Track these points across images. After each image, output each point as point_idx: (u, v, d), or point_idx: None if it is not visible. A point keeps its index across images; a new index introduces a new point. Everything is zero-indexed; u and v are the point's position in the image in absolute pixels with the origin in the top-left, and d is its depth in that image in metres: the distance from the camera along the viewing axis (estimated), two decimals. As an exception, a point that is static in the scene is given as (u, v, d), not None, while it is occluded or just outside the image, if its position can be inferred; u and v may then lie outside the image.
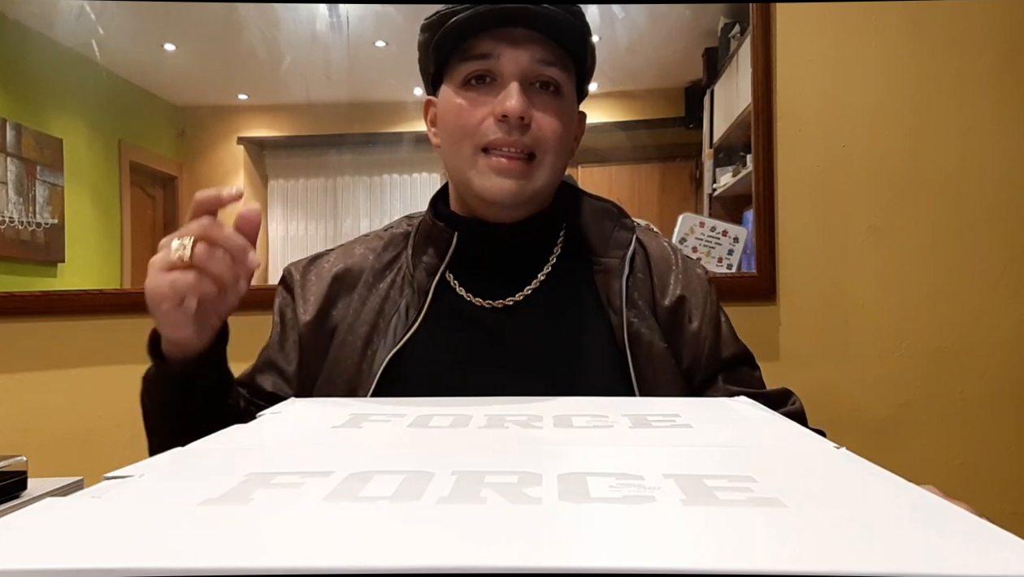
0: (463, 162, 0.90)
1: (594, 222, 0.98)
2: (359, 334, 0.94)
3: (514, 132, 0.87)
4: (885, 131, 1.75)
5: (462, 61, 0.90)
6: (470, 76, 0.89)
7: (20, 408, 1.76)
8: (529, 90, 0.89)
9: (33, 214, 1.84)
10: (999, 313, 1.74)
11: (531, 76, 0.89)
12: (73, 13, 1.86)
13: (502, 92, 0.88)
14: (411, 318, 0.92)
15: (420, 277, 0.95)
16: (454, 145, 0.91)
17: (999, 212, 1.74)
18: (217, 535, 0.35)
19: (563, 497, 0.40)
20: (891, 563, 0.31)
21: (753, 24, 1.74)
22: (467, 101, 0.89)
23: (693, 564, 0.30)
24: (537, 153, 0.89)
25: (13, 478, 1.25)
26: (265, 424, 0.66)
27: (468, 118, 0.89)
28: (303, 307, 0.97)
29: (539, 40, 0.88)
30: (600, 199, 1.01)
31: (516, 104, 0.86)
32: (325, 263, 1.00)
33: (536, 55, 0.88)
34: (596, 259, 0.95)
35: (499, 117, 0.87)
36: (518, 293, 0.94)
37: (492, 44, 0.88)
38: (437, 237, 0.96)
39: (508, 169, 0.88)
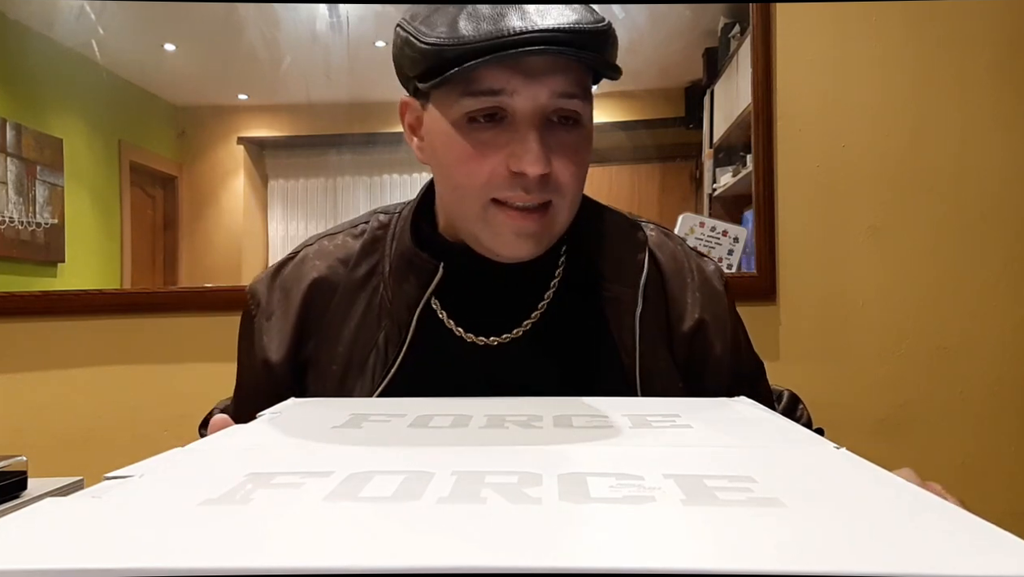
0: (470, 212, 0.77)
1: (601, 238, 0.86)
2: (335, 370, 0.84)
3: (532, 189, 0.74)
4: (885, 131, 1.75)
5: (465, 95, 0.73)
6: (475, 114, 0.74)
7: (20, 408, 1.77)
8: (546, 130, 0.75)
9: (33, 214, 1.84)
10: (999, 313, 1.74)
11: (549, 112, 0.75)
12: (73, 13, 1.86)
13: (515, 137, 0.74)
14: (391, 356, 0.81)
15: (399, 308, 0.83)
16: (457, 192, 0.78)
17: (999, 212, 1.74)
18: (217, 535, 0.35)
19: (563, 497, 0.40)
20: (891, 563, 0.31)
21: (753, 24, 1.74)
22: (472, 145, 0.75)
23: (693, 564, 0.30)
24: (555, 200, 0.76)
25: (13, 478, 1.25)
26: (265, 424, 0.66)
27: (476, 167, 0.75)
28: (270, 347, 0.86)
29: (561, 68, 0.73)
30: (610, 211, 0.89)
31: (537, 163, 0.72)
32: (292, 280, 0.88)
33: (557, 88, 0.74)
34: (605, 284, 0.83)
35: (515, 171, 0.74)
36: (516, 328, 0.82)
37: (505, 77, 0.72)
38: (420, 267, 0.83)
39: (525, 228, 0.76)
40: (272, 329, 0.86)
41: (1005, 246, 1.74)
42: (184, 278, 1.93)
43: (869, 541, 0.34)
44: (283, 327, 0.86)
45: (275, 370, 0.86)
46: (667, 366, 0.83)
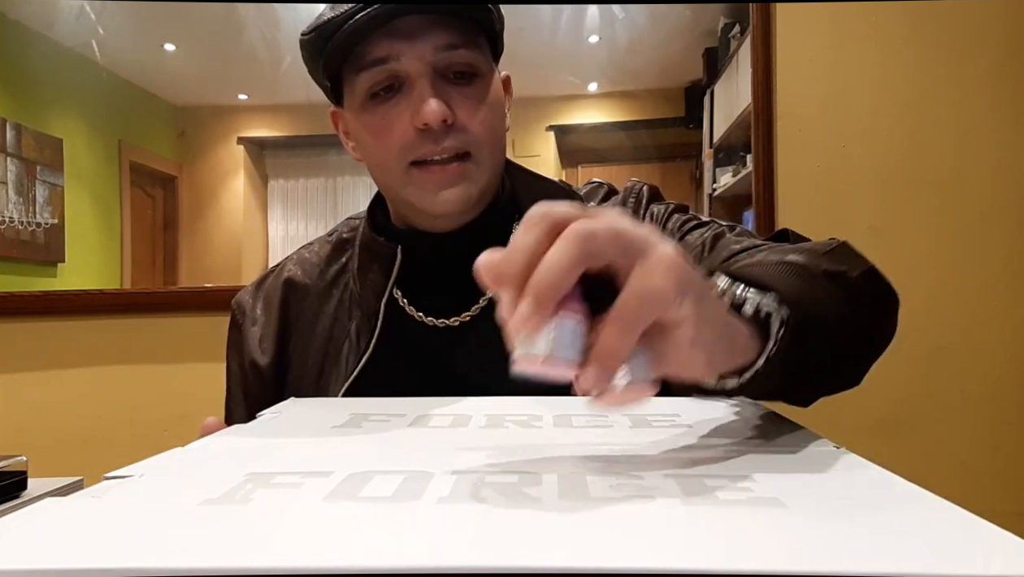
0: (395, 181, 0.82)
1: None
2: (310, 366, 0.87)
3: (441, 138, 0.78)
4: (885, 131, 1.75)
5: (358, 72, 0.79)
6: (373, 88, 0.79)
7: (20, 408, 1.77)
8: (443, 85, 0.78)
9: (33, 214, 1.84)
10: (999, 313, 1.74)
11: (441, 68, 0.78)
12: (73, 13, 1.86)
13: (412, 97, 0.78)
14: (363, 345, 0.85)
15: (368, 297, 0.86)
16: (379, 167, 0.83)
17: (999, 212, 1.74)
18: (217, 535, 0.35)
19: (563, 497, 0.40)
20: (891, 563, 0.31)
21: (753, 24, 1.74)
22: (379, 118, 0.79)
23: (693, 564, 0.30)
24: (472, 151, 0.80)
25: (13, 478, 1.25)
26: (265, 424, 0.66)
27: (387, 136, 0.79)
28: (255, 349, 0.90)
29: (438, 23, 0.77)
30: (542, 178, 0.92)
31: (434, 109, 0.76)
32: (272, 288, 0.93)
33: (439, 42, 0.77)
34: None
35: (420, 127, 0.77)
36: (473, 307, 0.85)
37: (387, 44, 0.77)
38: (379, 253, 0.87)
39: (446, 178, 0.79)
40: (258, 334, 0.91)
41: (1005, 246, 1.74)
42: (184, 278, 1.93)
43: (869, 541, 0.34)
44: (267, 331, 0.91)
45: (263, 373, 0.89)
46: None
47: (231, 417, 0.93)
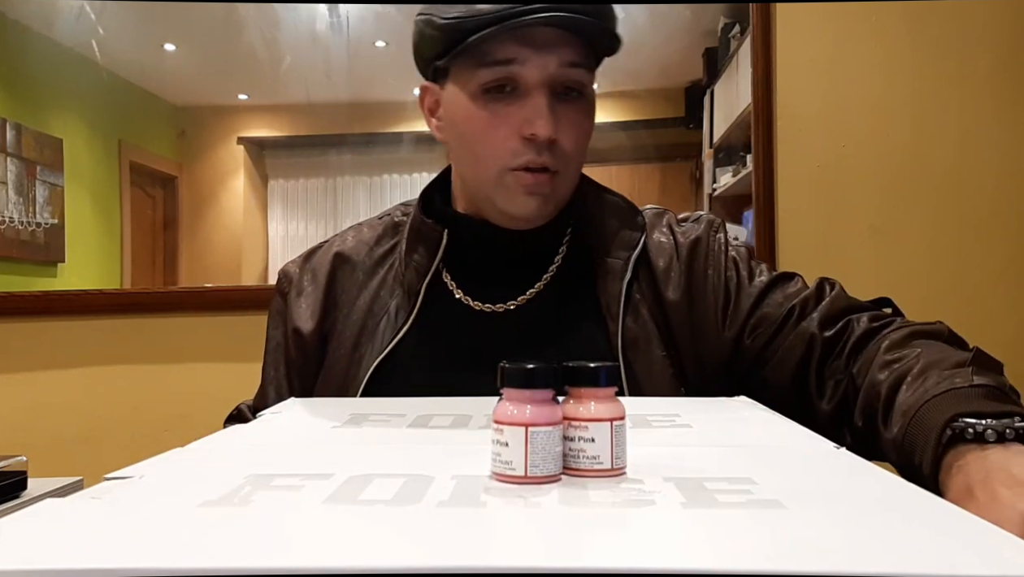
0: (486, 178, 0.85)
1: (602, 219, 0.91)
2: (348, 337, 0.90)
3: (542, 152, 0.82)
4: (885, 131, 1.75)
5: (480, 66, 0.81)
6: (489, 85, 0.82)
7: (20, 408, 1.76)
8: (554, 100, 0.82)
9: (33, 214, 1.84)
10: (999, 313, 1.74)
11: (557, 82, 0.82)
12: (73, 13, 1.86)
13: (527, 104, 0.81)
14: (400, 321, 0.88)
15: (411, 277, 0.90)
16: (474, 159, 0.86)
17: (999, 212, 1.74)
18: (216, 536, 0.35)
19: (563, 501, 0.40)
20: (891, 563, 0.31)
21: (753, 24, 1.74)
22: (488, 114, 0.82)
23: (693, 564, 0.30)
24: (561, 169, 0.84)
25: (13, 478, 1.25)
26: (265, 424, 0.66)
27: (491, 136, 0.83)
28: (300, 317, 0.93)
29: (566, 40, 0.81)
30: (611, 193, 0.95)
31: (546, 127, 0.80)
32: (321, 260, 0.96)
33: (564, 58, 0.81)
34: (601, 259, 0.89)
35: (526, 136, 0.81)
36: (520, 297, 0.89)
37: (515, 48, 0.80)
38: (427, 235, 0.90)
39: (535, 187, 0.83)
40: (303, 303, 0.94)
41: (1005, 246, 1.74)
42: (184, 278, 1.93)
43: (869, 541, 0.34)
44: (312, 300, 0.93)
45: (305, 339, 0.92)
46: (651, 333, 0.87)
47: (266, 383, 0.95)
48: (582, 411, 0.44)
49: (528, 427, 0.42)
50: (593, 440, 0.43)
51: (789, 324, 0.85)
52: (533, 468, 0.42)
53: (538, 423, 0.42)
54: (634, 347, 0.86)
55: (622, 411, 0.44)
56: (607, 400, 0.44)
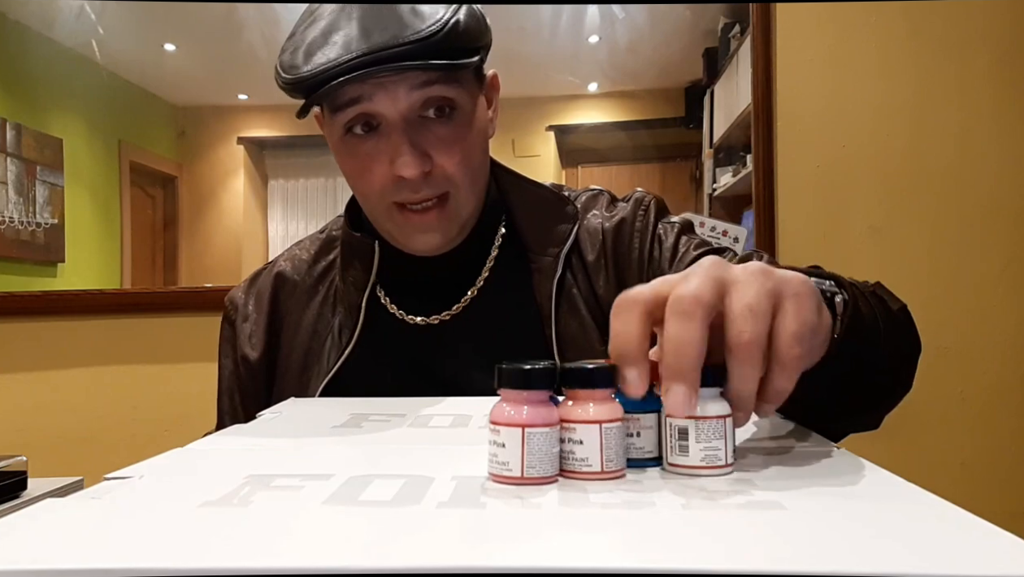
0: (378, 216, 0.84)
1: (530, 216, 0.88)
2: (295, 360, 0.89)
3: (419, 187, 0.78)
4: (885, 131, 1.75)
5: (335, 111, 0.79)
6: (349, 125, 0.79)
7: (20, 408, 1.76)
8: (419, 128, 0.78)
9: (33, 214, 1.84)
10: (999, 313, 1.74)
11: (416, 108, 0.78)
12: (73, 13, 1.86)
13: (389, 142, 0.77)
14: (344, 341, 0.86)
15: (350, 294, 0.88)
16: (362, 197, 0.84)
17: (999, 212, 1.74)
18: (216, 537, 0.35)
19: (563, 503, 0.40)
20: (891, 563, 0.31)
21: (753, 24, 1.74)
22: (357, 158, 0.80)
23: (693, 565, 0.30)
24: (451, 191, 0.81)
25: (13, 478, 1.25)
26: (265, 425, 0.66)
27: (367, 177, 0.80)
28: (247, 344, 0.91)
29: (410, 68, 0.75)
30: (536, 185, 0.92)
31: (410, 167, 0.76)
32: (263, 285, 0.94)
33: (413, 82, 0.76)
34: (532, 256, 0.86)
35: (397, 179, 0.78)
36: (455, 306, 0.86)
37: (359, 87, 0.76)
38: (359, 249, 0.88)
39: (426, 223, 0.81)
40: (249, 328, 0.92)
41: (1005, 246, 1.74)
42: (184, 278, 1.93)
43: (869, 541, 0.34)
44: (258, 326, 0.92)
45: (253, 367, 0.91)
46: (588, 327, 0.83)
47: (222, 415, 0.93)
48: (573, 413, 0.44)
49: (524, 428, 0.42)
50: (581, 442, 0.43)
51: None
52: (529, 469, 0.42)
53: (534, 424, 0.42)
54: (573, 345, 0.83)
55: (618, 413, 0.44)
56: (603, 402, 0.44)
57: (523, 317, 0.85)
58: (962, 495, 0.55)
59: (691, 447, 0.44)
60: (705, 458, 0.44)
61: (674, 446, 0.45)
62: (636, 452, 0.47)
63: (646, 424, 0.47)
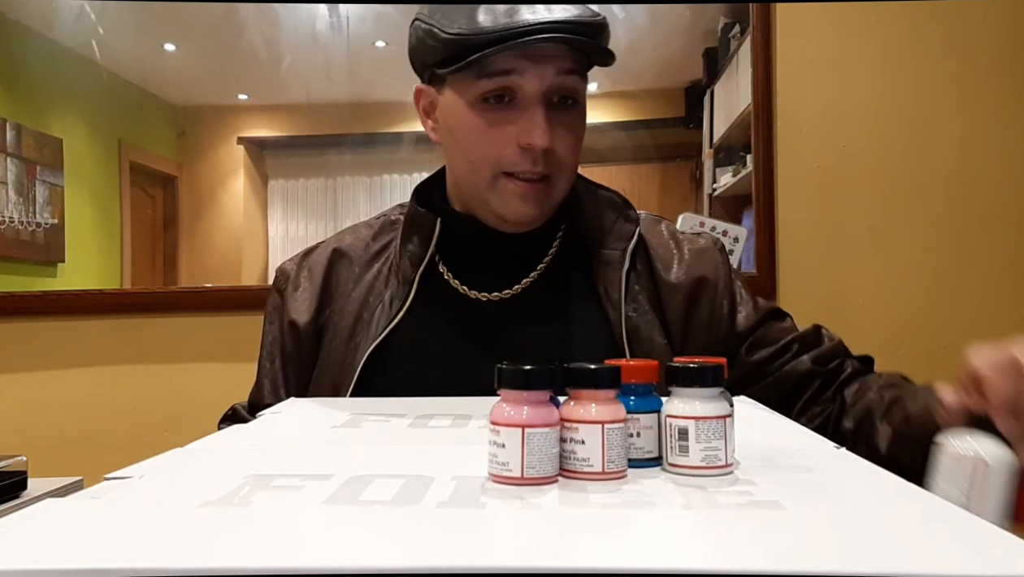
0: (481, 183, 0.87)
1: (597, 213, 0.94)
2: (344, 327, 0.92)
3: (538, 160, 0.84)
4: (885, 131, 1.75)
5: (480, 77, 0.83)
6: (488, 94, 0.84)
7: (20, 408, 1.76)
8: (550, 109, 0.84)
9: (33, 214, 1.83)
10: (999, 313, 1.74)
11: (552, 92, 0.84)
12: (73, 13, 1.86)
13: (524, 115, 0.83)
14: (394, 310, 0.89)
15: (405, 267, 0.91)
16: (469, 164, 0.88)
17: (999, 212, 1.74)
18: (216, 537, 0.35)
19: (563, 503, 0.40)
20: (891, 563, 0.31)
21: (753, 24, 1.74)
22: (486, 123, 0.85)
23: (693, 565, 0.30)
24: (554, 174, 0.86)
25: (13, 478, 1.25)
26: (265, 424, 0.66)
27: (489, 143, 0.85)
28: (296, 310, 0.94)
29: (562, 52, 0.84)
30: (604, 188, 0.97)
31: (543, 137, 0.83)
32: (318, 257, 0.97)
33: (561, 67, 0.84)
34: (597, 251, 0.91)
35: (523, 145, 0.83)
36: (515, 286, 0.91)
37: (514, 60, 0.82)
38: (420, 225, 0.92)
39: (529, 194, 0.86)
40: (299, 297, 0.95)
41: (1005, 246, 1.74)
42: (184, 278, 1.92)
43: (869, 541, 0.34)
44: (309, 294, 0.95)
45: (300, 331, 0.93)
46: (651, 322, 0.89)
47: (262, 376, 0.96)
48: (575, 413, 0.44)
49: (524, 428, 0.42)
50: (583, 442, 0.43)
51: (789, 354, 0.91)
52: (529, 469, 0.42)
53: (534, 424, 0.42)
54: (636, 335, 0.88)
55: (620, 414, 0.44)
56: (606, 402, 0.44)
57: (584, 303, 0.90)
58: (962, 495, 0.55)
59: (691, 447, 0.45)
60: (705, 458, 0.44)
61: (674, 446, 0.45)
62: (636, 452, 0.47)
63: (646, 424, 0.47)
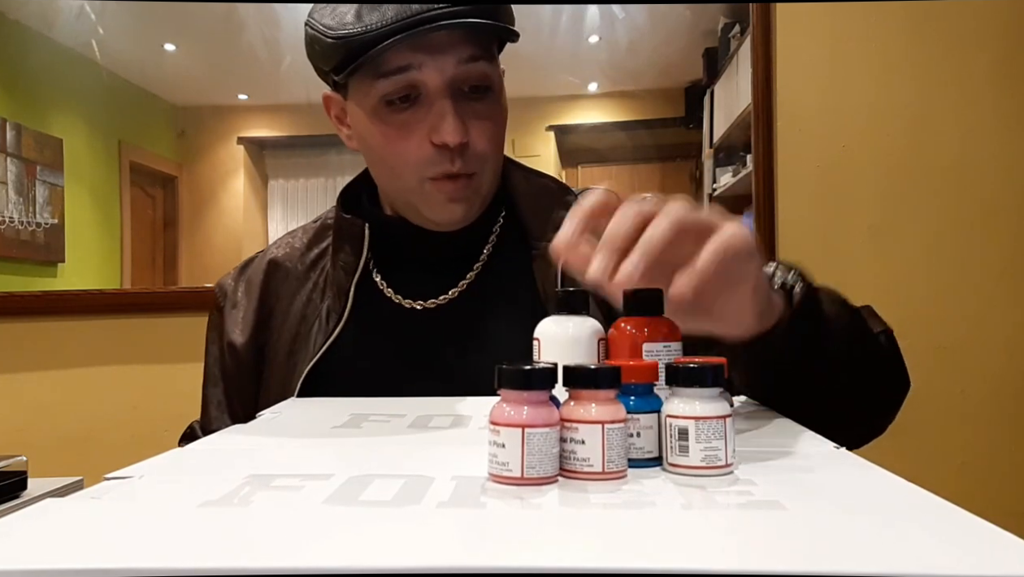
0: (405, 188, 0.83)
1: (532, 203, 0.89)
2: (282, 345, 0.88)
3: (455, 158, 0.80)
4: (885, 131, 1.75)
5: (377, 78, 0.78)
6: (389, 96, 0.79)
7: (20, 408, 1.76)
8: (460, 101, 0.79)
9: (33, 214, 1.84)
10: (999, 313, 1.74)
11: (459, 82, 0.79)
12: (73, 13, 1.86)
13: (432, 111, 0.78)
14: (331, 324, 0.85)
15: (340, 277, 0.87)
16: (390, 171, 0.84)
17: (999, 211, 1.74)
18: (216, 536, 0.35)
19: (563, 503, 0.40)
20: (891, 563, 0.31)
21: (753, 24, 1.74)
22: (394, 127, 0.80)
23: (693, 565, 0.30)
24: (478, 170, 0.82)
25: (13, 478, 1.25)
26: (265, 424, 0.66)
27: (402, 147, 0.80)
28: (233, 331, 0.91)
29: (461, 39, 0.78)
30: (539, 175, 0.93)
31: (456, 134, 0.78)
32: (255, 272, 0.94)
33: (462, 55, 0.78)
34: (534, 243, 0.86)
35: (437, 144, 0.79)
36: (451, 290, 0.86)
37: (410, 55, 0.76)
38: (349, 232, 0.88)
39: (456, 193, 0.82)
40: (237, 315, 0.92)
41: (1005, 246, 1.74)
42: (184, 278, 1.93)
43: (869, 541, 0.34)
44: (247, 312, 0.91)
45: (239, 352, 0.90)
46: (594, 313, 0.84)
47: (207, 402, 0.93)
48: (576, 413, 0.44)
49: (524, 428, 0.42)
50: (583, 442, 0.43)
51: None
52: (529, 469, 0.42)
53: (534, 424, 0.42)
54: None
55: (620, 414, 0.44)
56: (606, 402, 0.44)
57: (523, 303, 0.84)
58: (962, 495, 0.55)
59: (691, 447, 0.45)
60: (705, 458, 0.44)
61: (674, 446, 0.45)
62: (636, 452, 0.47)
63: (646, 424, 0.47)
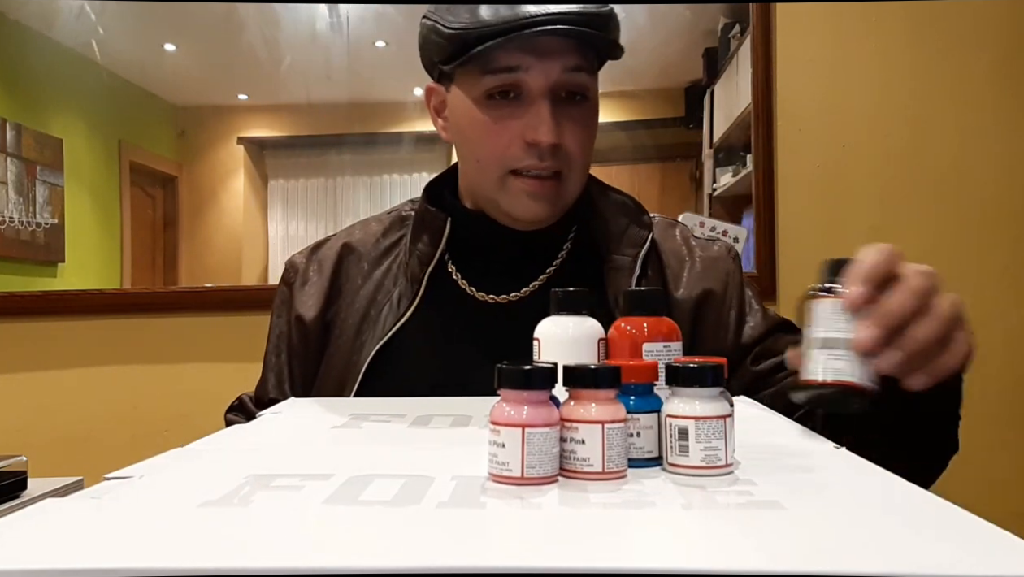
0: (489, 182, 0.87)
1: (609, 217, 0.93)
2: (351, 324, 0.91)
3: (545, 156, 0.83)
4: (885, 131, 1.75)
5: (484, 73, 0.83)
6: (493, 91, 0.83)
7: (20, 408, 1.76)
8: (557, 105, 0.83)
9: (33, 214, 1.84)
10: (999, 313, 1.74)
11: (560, 88, 0.83)
12: (73, 13, 1.86)
13: (530, 111, 0.82)
14: (402, 309, 0.89)
15: (414, 266, 0.91)
16: (478, 163, 0.88)
17: (999, 212, 1.74)
18: (216, 536, 0.35)
19: (563, 503, 0.40)
20: (891, 563, 0.31)
21: (753, 24, 1.74)
22: (491, 119, 0.84)
23: (693, 564, 0.30)
24: (564, 171, 0.85)
25: (13, 478, 1.25)
26: (265, 424, 0.66)
27: (495, 140, 0.84)
28: (304, 305, 0.94)
29: (569, 46, 0.82)
30: (618, 192, 0.96)
31: (549, 132, 0.82)
32: (328, 252, 0.97)
33: (567, 63, 0.82)
34: (608, 256, 0.90)
35: (529, 141, 0.83)
36: (523, 288, 0.90)
37: (519, 56, 0.81)
38: (430, 224, 0.91)
39: (540, 192, 0.85)
40: (307, 292, 0.95)
41: (1005, 246, 1.74)
42: (184, 278, 1.93)
43: (869, 541, 0.34)
44: (317, 289, 0.94)
45: (307, 326, 0.93)
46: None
47: (267, 370, 0.96)
48: (576, 413, 0.44)
49: (524, 428, 0.42)
50: (583, 442, 0.43)
51: None
52: (529, 469, 0.42)
53: (535, 424, 0.42)
54: None
55: (620, 414, 0.44)
56: (606, 402, 0.44)
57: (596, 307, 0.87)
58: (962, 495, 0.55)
59: (691, 447, 0.45)
60: (705, 458, 0.44)
61: (674, 446, 0.45)
62: (636, 452, 0.47)
63: (646, 424, 0.47)
